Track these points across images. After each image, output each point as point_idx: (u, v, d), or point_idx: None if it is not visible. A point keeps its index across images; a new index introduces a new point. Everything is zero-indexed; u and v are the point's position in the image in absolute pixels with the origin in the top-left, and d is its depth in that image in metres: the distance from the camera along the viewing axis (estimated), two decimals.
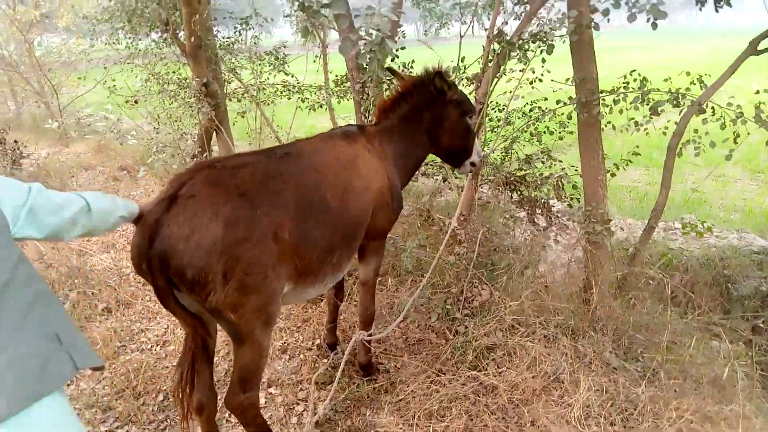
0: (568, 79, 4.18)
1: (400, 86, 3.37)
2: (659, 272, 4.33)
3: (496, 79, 4.15)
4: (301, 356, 3.65)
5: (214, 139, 7.85)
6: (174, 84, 7.49)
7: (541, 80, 4.97)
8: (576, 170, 4.60)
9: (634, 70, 4.11)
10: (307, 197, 2.55)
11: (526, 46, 3.94)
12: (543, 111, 4.46)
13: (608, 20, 4.07)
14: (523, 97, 4.99)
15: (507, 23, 4.11)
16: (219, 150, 7.61)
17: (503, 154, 5.29)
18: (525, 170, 4.61)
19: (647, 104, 4.03)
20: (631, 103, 4.00)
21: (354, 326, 3.81)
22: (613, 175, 4.82)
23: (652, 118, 3.94)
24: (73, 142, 11.71)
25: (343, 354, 3.36)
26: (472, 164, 3.70)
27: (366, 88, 4.71)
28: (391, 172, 3.17)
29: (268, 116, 8.51)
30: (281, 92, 7.40)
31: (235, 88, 7.79)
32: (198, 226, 2.13)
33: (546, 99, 4.76)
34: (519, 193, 4.74)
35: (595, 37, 4.15)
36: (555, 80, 4.40)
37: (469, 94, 4.25)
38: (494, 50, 3.97)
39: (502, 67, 4.02)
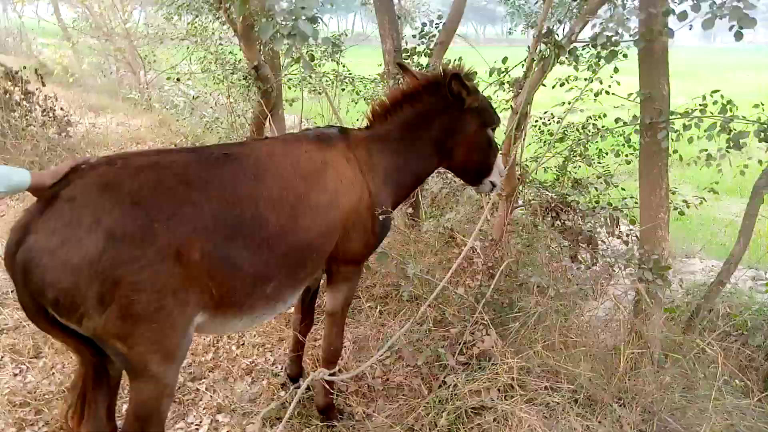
0: (630, 95, 3.47)
1: (408, 86, 2.86)
2: (716, 341, 3.56)
3: (540, 86, 3.50)
4: (266, 381, 3.26)
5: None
6: (229, 65, 7.34)
7: (608, 93, 4.26)
8: (637, 203, 3.88)
9: (717, 91, 3.33)
10: (235, 212, 2.14)
11: (579, 51, 3.28)
12: (598, 129, 3.76)
13: (690, 27, 3.31)
14: (582, 111, 4.30)
15: (561, 23, 3.45)
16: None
17: (556, 173, 4.61)
18: (572, 196, 3.92)
19: (727, 134, 3.25)
20: (705, 131, 3.24)
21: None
22: (681, 213, 4.05)
23: (729, 152, 3.17)
24: (141, 114, 11.99)
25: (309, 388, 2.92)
26: (492, 184, 3.14)
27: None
28: (377, 187, 2.70)
29: (319, 106, 8.25)
30: (333, 82, 7.08)
31: (289, 73, 7.47)
32: (70, 238, 1.78)
33: (605, 116, 4.06)
34: (561, 222, 4.06)
35: (674, 51, 3.41)
36: (615, 94, 3.70)
37: (506, 102, 3.65)
38: (540, 53, 3.34)
39: (546, 73, 3.38)
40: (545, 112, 4.47)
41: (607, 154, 4.54)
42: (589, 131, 3.97)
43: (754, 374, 4.84)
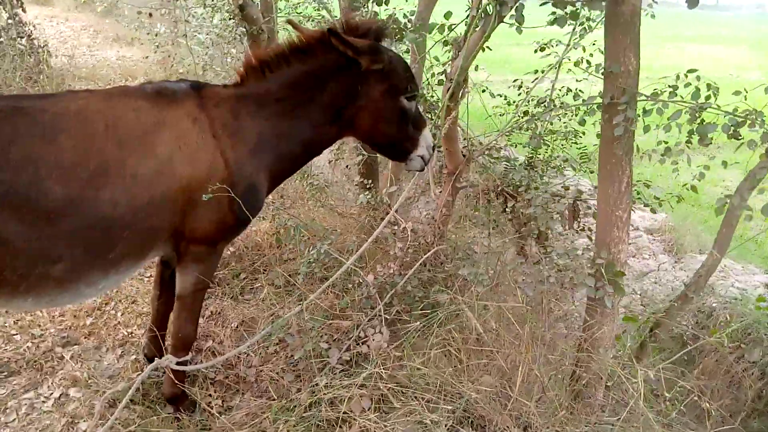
0: (592, 67, 2.93)
1: (298, 39, 2.44)
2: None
3: (479, 51, 2.98)
4: (134, 357, 2.97)
5: None
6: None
7: (589, 63, 3.68)
8: None
9: (694, 71, 2.74)
10: (4, 176, 1.77)
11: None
12: (554, 105, 3.22)
13: None
14: (551, 82, 3.74)
15: None
16: None
17: (531, 152, 4.09)
18: (527, 180, 3.43)
19: (697, 124, 2.70)
20: (668, 119, 2.68)
21: None
22: (653, 211, 3.51)
23: (690, 145, 2.62)
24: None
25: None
26: (423, 159, 2.73)
27: None
28: (241, 157, 2.33)
29: None
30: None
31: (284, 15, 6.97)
32: None
33: (570, 91, 3.50)
34: (511, 209, 3.58)
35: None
36: (576, 67, 3.14)
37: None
38: (482, 8, 2.82)
39: (488, 34, 2.86)
40: (515, 80, 3.92)
41: (584, 134, 3.97)
42: (545, 107, 3.43)
43: (743, 394, 4.37)
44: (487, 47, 3.11)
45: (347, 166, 4.81)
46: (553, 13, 2.90)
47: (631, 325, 3.86)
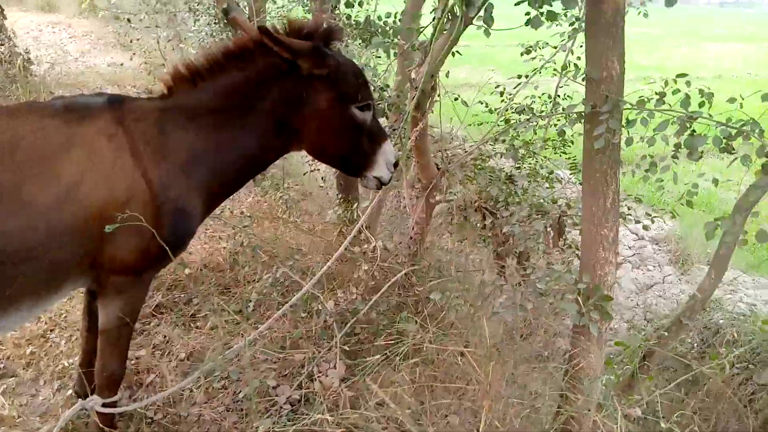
0: (578, 71, 2.66)
1: (235, 42, 2.21)
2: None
3: (446, 56, 2.72)
4: (72, 391, 2.73)
5: None
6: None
7: (577, 66, 3.40)
8: None
9: (683, 75, 2.45)
10: None
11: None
12: (533, 113, 2.95)
13: None
14: (536, 87, 3.46)
15: None
16: None
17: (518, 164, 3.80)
18: (504, 195, 3.15)
19: (687, 135, 2.42)
20: (654, 130, 2.39)
21: None
22: (645, 228, 3.22)
23: (676, 161, 2.33)
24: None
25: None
26: (379, 180, 2.49)
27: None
28: (167, 176, 2.09)
29: None
30: None
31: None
32: None
33: (550, 98, 3.23)
34: (490, 226, 3.31)
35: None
36: (563, 71, 2.86)
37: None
38: (447, 9, 2.56)
39: (455, 38, 2.60)
40: (497, 86, 3.64)
41: (572, 143, 3.69)
42: (524, 116, 3.14)
43: (751, 419, 4.07)
44: (457, 51, 2.84)
45: (323, 178, 4.56)
46: (528, 13, 2.62)
47: (623, 348, 3.58)
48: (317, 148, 2.48)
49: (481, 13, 2.55)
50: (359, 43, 3.52)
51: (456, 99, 3.01)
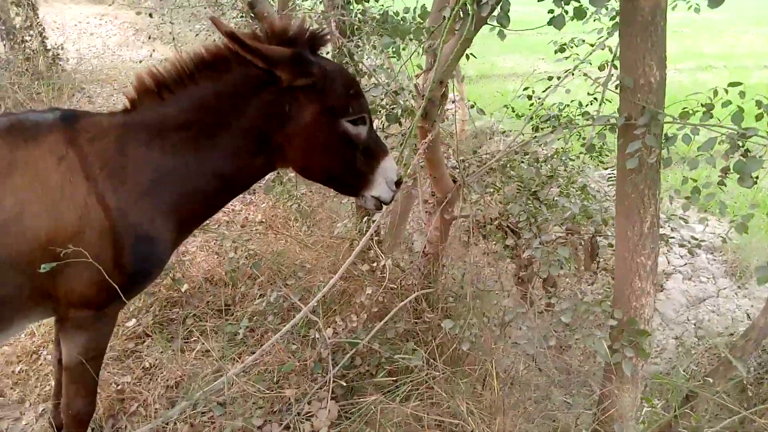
0: (594, 79, 2.33)
1: (208, 49, 1.98)
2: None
3: (458, 60, 2.42)
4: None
5: None
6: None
7: (616, 67, 3.03)
8: None
9: (737, 84, 2.07)
10: None
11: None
12: (559, 124, 2.61)
13: None
14: (568, 92, 3.10)
15: None
16: None
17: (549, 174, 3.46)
18: (526, 215, 2.83)
19: (739, 156, 2.05)
20: (699, 149, 2.03)
21: None
22: (691, 253, 2.85)
23: (723, 188, 1.98)
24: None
25: None
26: (378, 200, 2.31)
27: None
28: (128, 200, 1.90)
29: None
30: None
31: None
32: None
33: (580, 106, 2.88)
34: (513, 247, 3.00)
35: None
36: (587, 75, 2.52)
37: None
38: (456, 8, 2.26)
39: (467, 41, 2.30)
40: (525, 89, 3.29)
41: (609, 152, 3.32)
42: (548, 126, 2.79)
43: None
44: (471, 54, 2.53)
45: None
46: (552, 10, 2.29)
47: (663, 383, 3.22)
48: (304, 168, 2.23)
49: (497, 11, 2.25)
50: (372, 44, 3.23)
51: (472, 106, 2.70)
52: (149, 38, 11.83)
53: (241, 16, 6.14)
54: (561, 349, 2.94)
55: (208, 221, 4.01)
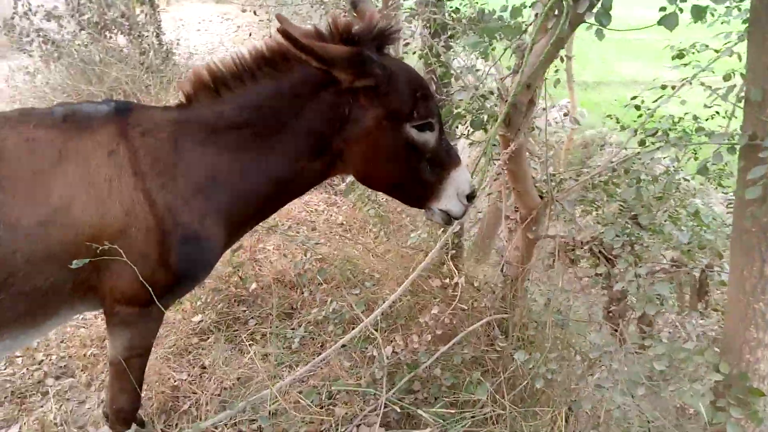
0: (714, 90, 2.00)
1: (266, 45, 1.91)
2: None
3: (549, 63, 2.17)
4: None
5: None
6: None
7: (743, 76, 2.64)
8: None
9: None
10: None
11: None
12: (668, 139, 2.27)
13: None
14: (684, 103, 2.74)
15: None
16: None
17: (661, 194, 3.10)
18: (621, 242, 2.51)
19: None
20: None
21: None
22: None
23: None
24: None
25: None
26: (447, 214, 2.15)
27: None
28: (176, 199, 1.87)
29: None
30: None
31: None
32: None
33: (695, 119, 2.51)
34: (605, 276, 2.69)
35: None
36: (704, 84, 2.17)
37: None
38: (551, 3, 2.03)
39: (559, 42, 2.06)
40: (633, 98, 2.92)
41: (730, 176, 2.88)
42: (655, 140, 2.41)
43: None
44: (566, 56, 2.25)
45: None
46: (664, 8, 1.97)
47: None
48: (365, 175, 2.08)
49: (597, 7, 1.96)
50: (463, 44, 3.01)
51: (566, 115, 2.39)
52: (249, 35, 12.29)
53: (344, 16, 6.13)
54: (652, 399, 2.57)
55: (276, 221, 4.01)
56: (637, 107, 2.90)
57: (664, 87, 2.84)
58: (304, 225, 4.17)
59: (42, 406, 2.74)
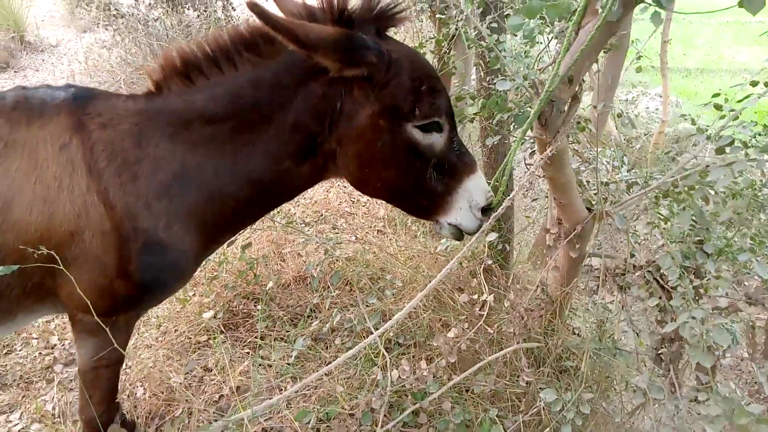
0: None
1: (247, 27, 1.67)
2: None
3: (598, 53, 1.80)
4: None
5: None
6: None
7: None
8: None
9: None
10: None
11: None
12: (746, 155, 1.85)
13: None
14: None
15: None
16: None
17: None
18: (677, 274, 2.11)
19: None
20: None
21: None
22: None
23: None
24: None
25: None
26: (457, 228, 1.88)
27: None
28: (135, 202, 1.68)
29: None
30: None
31: None
32: None
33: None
34: (659, 309, 2.30)
35: None
36: None
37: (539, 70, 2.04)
38: None
39: (599, 24, 1.70)
40: (714, 95, 2.43)
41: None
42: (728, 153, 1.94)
43: None
44: (612, 45, 1.85)
45: None
46: None
47: None
48: (360, 182, 1.80)
49: None
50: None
51: (619, 116, 1.99)
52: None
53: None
54: None
55: (311, 212, 3.76)
56: (718, 106, 2.42)
57: (754, 83, 2.36)
58: (343, 218, 3.95)
59: (46, 394, 2.71)
